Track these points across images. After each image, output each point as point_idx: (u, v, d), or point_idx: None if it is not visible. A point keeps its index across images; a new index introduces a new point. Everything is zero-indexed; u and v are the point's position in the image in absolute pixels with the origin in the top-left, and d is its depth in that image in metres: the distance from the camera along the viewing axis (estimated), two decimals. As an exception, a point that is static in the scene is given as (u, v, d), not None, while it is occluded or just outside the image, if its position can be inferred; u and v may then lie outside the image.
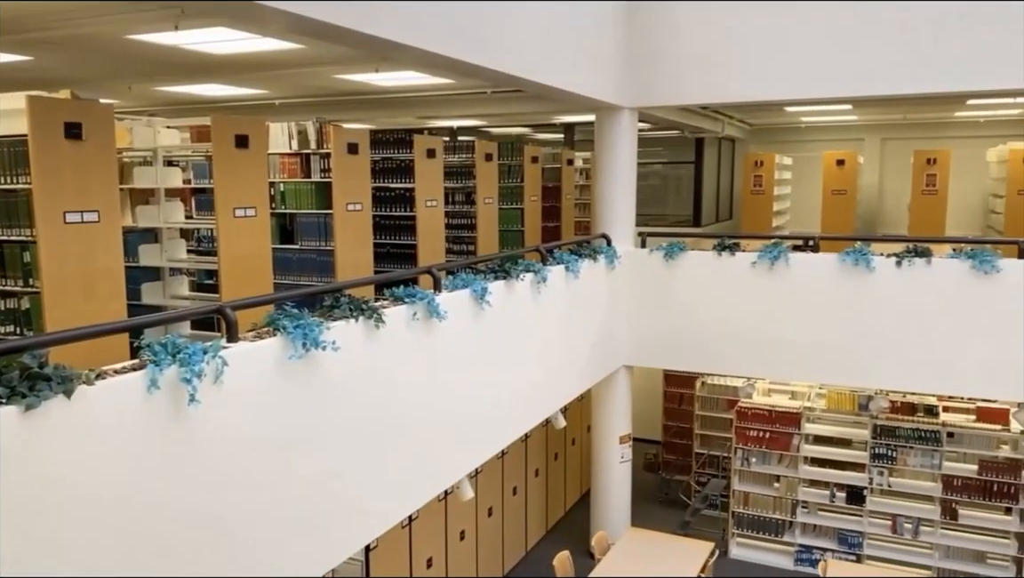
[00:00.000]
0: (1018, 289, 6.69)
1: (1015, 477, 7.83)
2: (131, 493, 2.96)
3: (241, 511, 3.47)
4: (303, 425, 3.80)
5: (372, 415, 4.29)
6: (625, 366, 8.37)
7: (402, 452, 4.57)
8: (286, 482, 3.72)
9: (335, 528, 4.07)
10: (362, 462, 4.24)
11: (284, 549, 3.72)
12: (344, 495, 4.12)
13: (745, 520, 8.90)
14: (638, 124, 8.35)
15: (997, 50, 6.64)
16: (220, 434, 3.33)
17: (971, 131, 15.69)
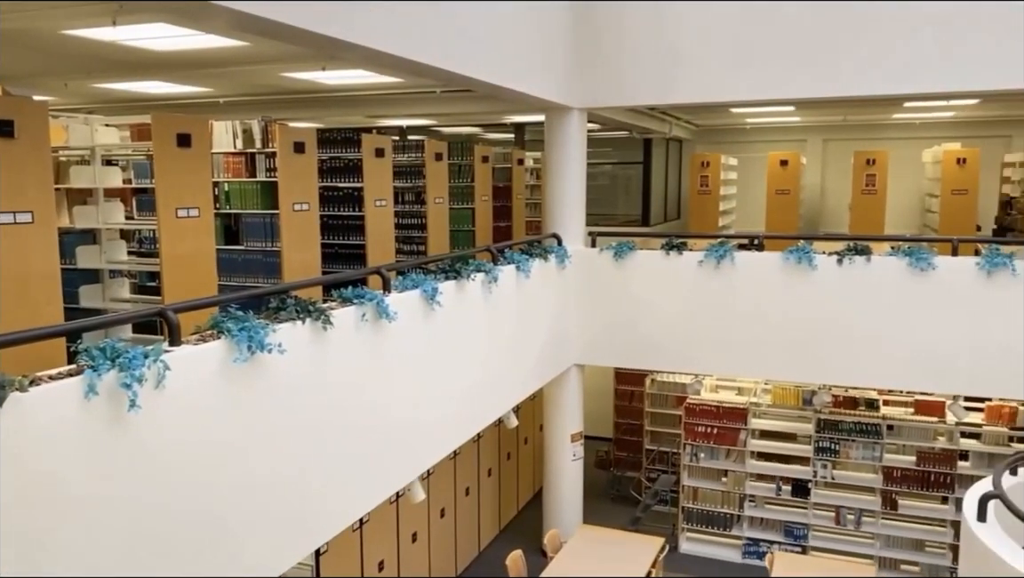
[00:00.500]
0: (952, 285, 6.93)
1: (951, 467, 8.11)
2: (69, 503, 2.87)
3: (185, 519, 3.39)
4: (249, 429, 3.73)
5: (321, 418, 4.24)
6: (576, 365, 8.43)
7: (352, 455, 4.52)
8: (232, 488, 3.65)
9: (283, 533, 4.01)
10: (311, 466, 4.19)
11: (231, 555, 3.65)
12: (293, 499, 4.06)
13: (694, 515, 9.04)
14: (587, 125, 8.41)
15: (935, 55, 6.87)
16: (163, 441, 3.25)
17: (908, 133, 16.23)
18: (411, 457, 5.23)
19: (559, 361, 8.04)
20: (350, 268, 7.25)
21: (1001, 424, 8.16)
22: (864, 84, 7.20)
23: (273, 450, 3.90)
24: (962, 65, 6.83)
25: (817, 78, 7.31)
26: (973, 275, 6.86)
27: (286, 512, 4.01)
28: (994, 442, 8.11)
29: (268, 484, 3.87)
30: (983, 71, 6.79)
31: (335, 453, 4.37)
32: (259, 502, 3.81)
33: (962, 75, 6.87)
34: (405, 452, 5.11)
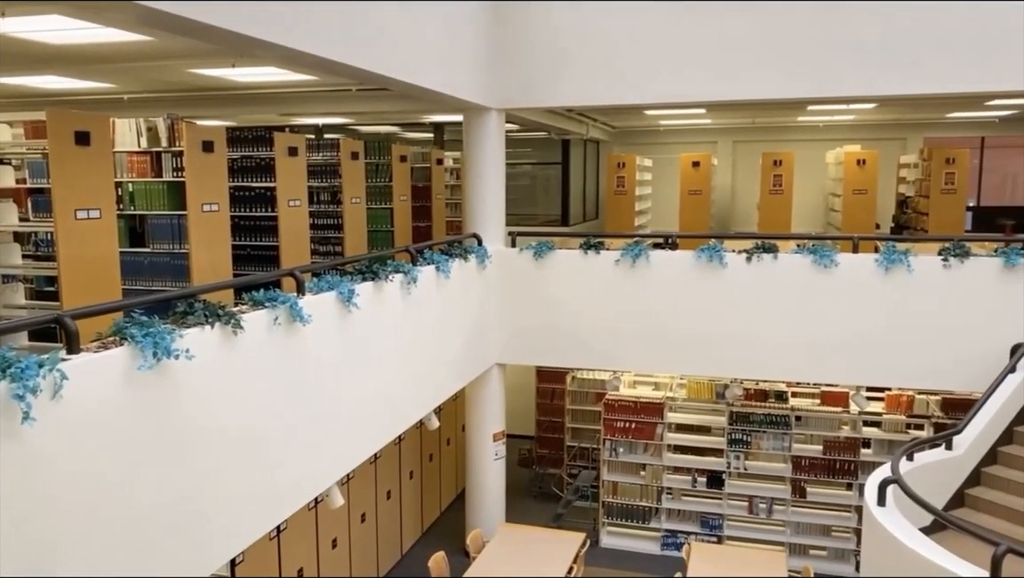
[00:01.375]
0: (853, 281, 7.27)
1: (855, 455, 8.51)
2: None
3: (89, 533, 3.23)
4: (156, 439, 3.59)
5: (233, 425, 4.11)
6: (498, 364, 8.45)
7: (267, 461, 4.41)
8: (139, 500, 3.50)
9: (196, 544, 3.87)
10: (224, 474, 4.06)
11: (140, 570, 3.50)
12: (205, 509, 3.92)
13: (614, 509, 9.20)
14: (506, 125, 8.44)
15: (839, 60, 7.18)
16: (61, 453, 3.09)
17: (812, 135, 16.91)
18: (329, 462, 5.14)
19: (480, 361, 8.05)
20: (263, 270, 7.06)
21: (899, 412, 8.60)
22: (767, 88, 7.48)
23: (182, 459, 3.76)
24: (860, 71, 7.16)
25: (725, 82, 7.55)
26: (872, 271, 7.21)
27: (198, 522, 3.87)
28: (893, 430, 8.54)
29: (177, 494, 3.73)
30: (880, 77, 7.14)
31: (249, 460, 4.25)
32: (168, 513, 3.67)
33: (861, 81, 7.21)
34: (323, 457, 5.02)
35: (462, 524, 8.87)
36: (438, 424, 7.03)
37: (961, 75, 6.94)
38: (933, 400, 8.63)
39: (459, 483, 10.20)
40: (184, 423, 3.75)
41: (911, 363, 7.24)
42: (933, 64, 6.97)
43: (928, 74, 7.01)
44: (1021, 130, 16.60)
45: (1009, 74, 6.85)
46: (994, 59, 6.83)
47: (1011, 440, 6.25)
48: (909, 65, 7.03)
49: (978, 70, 6.89)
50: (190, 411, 3.78)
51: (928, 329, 7.12)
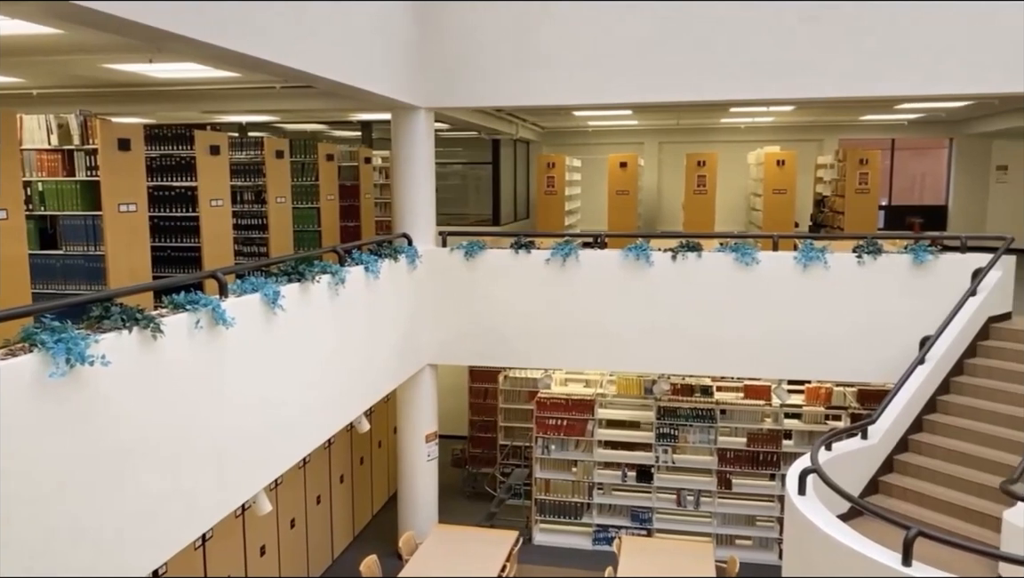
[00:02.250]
0: (774, 278, 7.52)
1: (777, 446, 8.79)
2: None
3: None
4: (71, 448, 3.44)
5: (153, 432, 3.98)
6: (430, 365, 8.42)
7: (191, 469, 4.28)
8: (53, 512, 3.35)
9: (115, 557, 3.73)
10: (144, 483, 3.92)
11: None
12: (124, 520, 3.78)
13: (547, 506, 9.28)
14: (436, 124, 8.42)
15: (758, 63, 7.40)
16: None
17: (734, 136, 17.42)
18: (256, 468, 5.02)
19: (412, 362, 7.99)
20: (184, 272, 6.85)
21: (818, 404, 8.93)
22: (688, 90, 7.66)
23: (99, 469, 3.61)
24: (778, 74, 7.40)
25: (648, 84, 7.69)
26: (791, 268, 7.47)
27: (116, 535, 3.73)
28: (813, 421, 8.87)
29: (94, 506, 3.58)
30: (797, 80, 7.40)
31: (170, 468, 4.12)
32: (83, 525, 3.53)
33: (778, 83, 7.45)
34: (249, 463, 4.90)
35: (395, 527, 8.80)
36: (368, 426, 6.95)
37: (871, 79, 7.24)
38: (850, 392, 8.99)
39: (391, 486, 10.11)
40: (100, 432, 3.61)
41: (829, 356, 7.53)
42: (845, 69, 7.25)
43: (841, 78, 7.29)
44: (928, 132, 17.48)
45: (915, 79, 7.19)
46: (901, 64, 7.16)
47: (921, 428, 6.57)
48: (822, 69, 7.30)
49: (887, 75, 7.20)
50: (107, 419, 3.64)
51: (844, 324, 7.41)
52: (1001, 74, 6.97)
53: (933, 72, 7.13)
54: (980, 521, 5.63)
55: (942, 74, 7.12)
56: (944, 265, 7.23)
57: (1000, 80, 7.02)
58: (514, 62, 7.80)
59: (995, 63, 6.97)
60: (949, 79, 7.15)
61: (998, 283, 7.10)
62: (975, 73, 7.05)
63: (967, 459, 6.14)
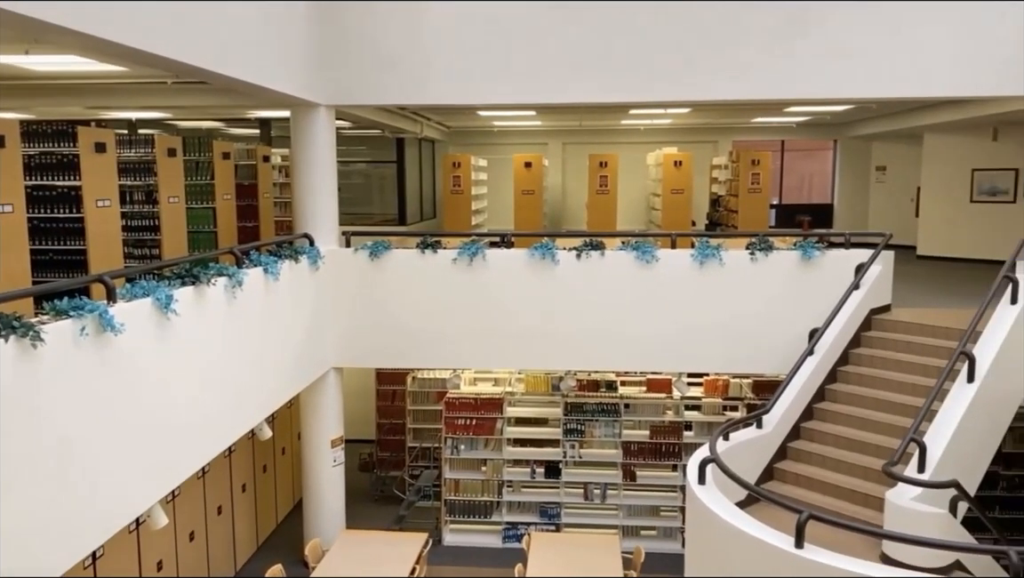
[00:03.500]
0: (673, 275, 7.75)
1: (678, 438, 9.07)
2: None
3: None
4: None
5: (36, 445, 3.73)
6: (334, 368, 8.25)
7: (79, 483, 4.04)
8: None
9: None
10: (23, 501, 3.67)
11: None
12: (6, 540, 3.53)
13: (457, 506, 9.26)
14: (338, 122, 8.25)
15: (655, 67, 7.61)
16: None
17: (634, 137, 17.87)
18: (150, 480, 4.79)
19: (315, 365, 7.82)
20: (68, 276, 6.46)
21: (717, 396, 9.27)
22: (586, 92, 7.81)
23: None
24: (672, 77, 7.63)
25: (547, 85, 7.79)
26: (689, 266, 7.73)
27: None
28: (712, 412, 9.19)
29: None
30: (688, 83, 7.64)
31: (56, 483, 3.87)
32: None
33: (671, 86, 7.68)
34: (142, 476, 4.67)
35: (301, 534, 8.58)
36: (271, 433, 6.76)
37: (760, 83, 7.56)
38: (746, 383, 9.36)
39: (296, 493, 9.87)
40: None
41: (725, 350, 7.83)
42: (734, 73, 7.55)
43: (730, 81, 7.58)
44: (815, 134, 18.41)
45: (802, 84, 7.56)
46: (789, 69, 7.50)
47: (811, 416, 6.91)
48: (714, 74, 7.57)
49: (776, 79, 7.54)
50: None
51: (739, 318, 7.72)
52: (868, 82, 7.43)
53: (813, 78, 7.50)
54: (865, 502, 5.96)
55: (821, 80, 7.51)
56: (830, 261, 7.64)
57: (870, 87, 7.48)
58: (414, 61, 7.74)
59: (865, 71, 7.40)
60: (826, 85, 7.54)
61: (879, 277, 7.56)
62: (848, 79, 7.47)
63: (853, 444, 6.50)
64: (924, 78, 7.40)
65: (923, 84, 7.44)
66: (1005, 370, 6.14)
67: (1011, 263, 6.46)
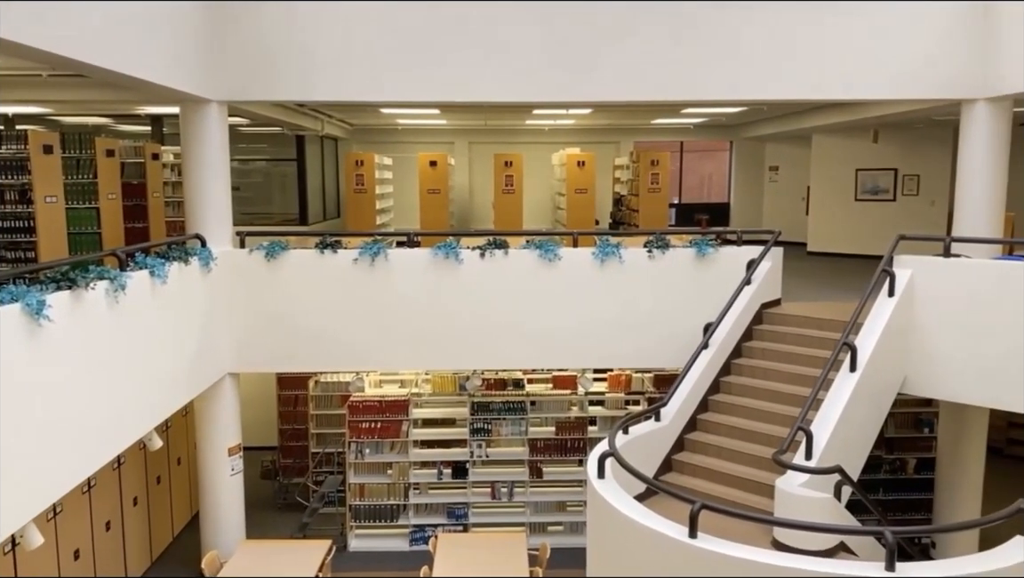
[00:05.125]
0: (575, 273, 7.85)
1: (583, 433, 9.20)
2: None
3: None
4: None
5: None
6: (230, 374, 7.95)
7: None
8: None
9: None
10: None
11: None
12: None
13: (362, 511, 9.10)
14: (234, 119, 7.96)
15: (551, 67, 7.67)
16: None
17: (539, 138, 18.03)
18: (22, 497, 4.48)
19: (210, 372, 7.51)
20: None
21: (620, 390, 9.45)
22: (485, 91, 7.80)
23: None
24: (566, 78, 7.71)
25: (457, 85, 7.75)
26: (590, 264, 7.84)
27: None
28: (615, 407, 9.37)
29: None
30: (584, 84, 7.74)
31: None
32: None
33: (565, 87, 7.76)
34: (14, 492, 4.36)
35: (198, 547, 8.24)
36: (161, 443, 6.47)
37: (654, 85, 7.74)
38: (647, 377, 9.58)
39: (194, 504, 9.47)
40: None
41: (626, 345, 7.99)
42: (629, 74, 7.69)
43: (628, 83, 7.73)
44: (712, 136, 19.06)
45: (695, 86, 7.78)
46: (682, 71, 7.71)
47: (707, 408, 7.13)
48: (610, 75, 7.70)
49: (669, 81, 7.73)
50: None
51: (639, 314, 7.89)
52: (758, 84, 7.73)
53: (706, 80, 7.73)
54: (758, 490, 6.19)
55: (713, 83, 7.75)
56: (724, 258, 7.90)
57: (760, 88, 7.79)
58: (308, 58, 7.55)
59: (752, 74, 7.70)
60: (718, 87, 7.79)
61: (769, 272, 7.87)
62: (740, 82, 7.74)
63: (746, 434, 6.74)
64: (814, 81, 7.73)
65: (812, 87, 7.79)
66: (885, 359, 6.51)
67: (888, 258, 6.84)
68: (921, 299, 6.82)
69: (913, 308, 6.83)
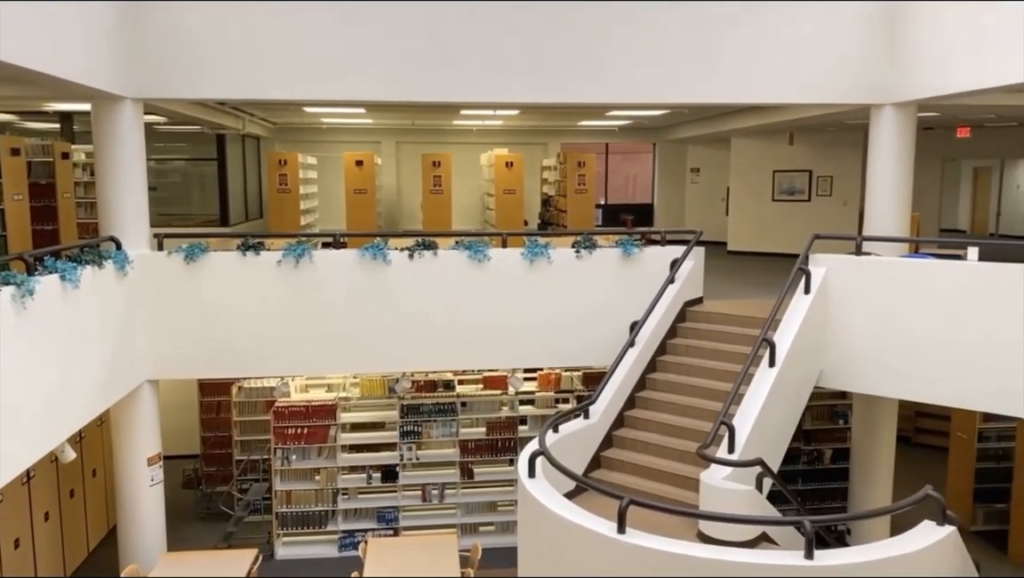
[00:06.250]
0: (505, 274, 7.87)
1: (513, 433, 9.24)
2: None
3: None
4: None
5: None
6: (149, 381, 7.66)
7: None
8: None
9: None
10: None
11: None
12: None
13: (289, 518, 8.92)
14: (151, 117, 7.67)
15: (470, 67, 7.66)
16: None
17: (467, 138, 18.03)
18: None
19: (126, 379, 7.22)
20: None
21: (550, 389, 9.53)
22: (422, 91, 7.75)
23: None
24: (486, 78, 7.70)
25: (381, 83, 7.66)
26: (519, 264, 7.88)
27: None
28: (545, 405, 9.44)
29: None
30: (517, 84, 7.77)
31: None
32: None
33: (498, 87, 7.77)
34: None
35: (116, 562, 7.91)
36: (74, 455, 6.20)
37: (576, 87, 7.82)
38: (576, 376, 9.69)
39: (112, 517, 9.10)
40: None
41: (555, 344, 8.05)
42: (556, 76, 7.76)
43: (551, 85, 7.79)
44: (636, 138, 19.42)
45: (621, 88, 7.90)
46: (607, 75, 7.82)
47: (634, 405, 7.26)
48: (531, 77, 7.73)
49: (594, 84, 7.84)
50: None
51: (568, 313, 7.96)
52: (678, 87, 7.91)
53: (625, 83, 7.86)
54: (684, 484, 6.34)
55: (633, 86, 7.87)
56: (648, 257, 8.06)
57: (679, 92, 7.97)
58: (225, 55, 7.33)
59: (676, 76, 7.88)
60: (638, 90, 7.93)
61: (691, 271, 8.07)
62: (661, 85, 7.90)
63: (672, 429, 6.89)
64: (735, 86, 7.94)
65: (733, 91, 8.00)
66: (802, 354, 6.76)
67: (804, 256, 7.11)
68: (835, 296, 7.11)
69: (828, 304, 7.11)
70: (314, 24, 7.40)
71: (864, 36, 7.82)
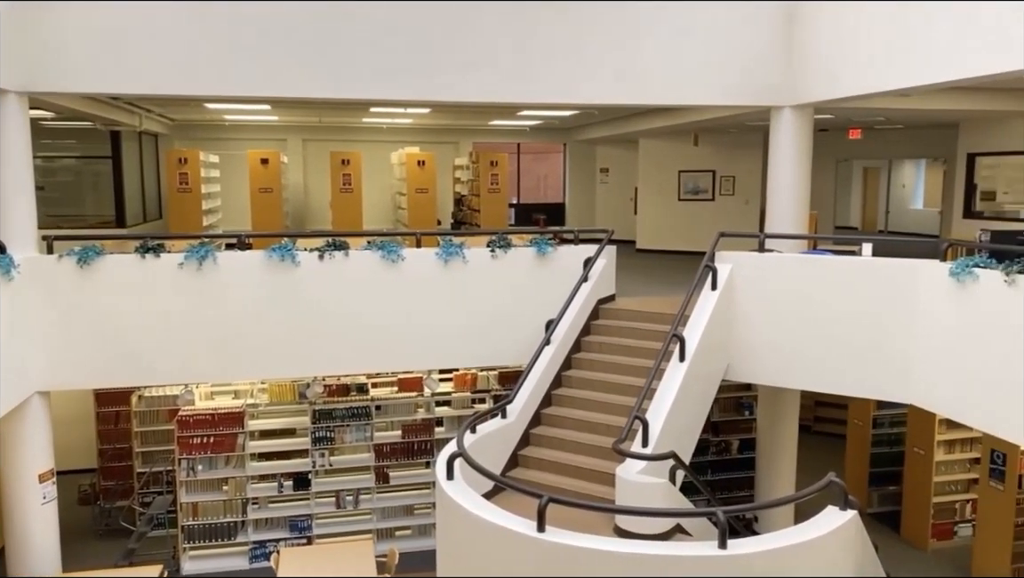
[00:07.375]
0: (419, 274, 7.78)
1: (430, 435, 9.15)
2: None
3: None
4: None
5: None
6: (39, 392, 7.19)
7: None
8: None
9: None
10: None
11: None
12: None
13: (196, 531, 8.56)
14: (36, 112, 7.19)
15: (378, 63, 7.54)
16: None
17: (377, 136, 17.77)
18: None
19: (13, 391, 6.75)
20: None
21: (466, 389, 9.49)
22: (323, 87, 7.57)
23: None
24: (393, 75, 7.61)
25: (278, 79, 7.44)
26: (434, 264, 7.81)
27: None
28: (461, 406, 9.40)
29: None
30: (411, 81, 7.68)
31: None
32: None
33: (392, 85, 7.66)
34: None
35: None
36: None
37: (484, 86, 7.82)
38: (492, 375, 9.68)
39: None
40: None
41: (472, 344, 8.01)
42: (458, 74, 7.72)
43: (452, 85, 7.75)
44: (547, 138, 19.60)
45: (535, 87, 7.94)
46: (524, 74, 7.85)
47: (551, 403, 7.31)
48: (439, 74, 7.68)
49: (506, 84, 7.85)
50: None
51: (483, 313, 7.94)
52: (589, 86, 8.02)
53: (537, 84, 7.92)
54: (601, 480, 6.42)
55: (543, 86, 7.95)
56: (562, 256, 8.12)
57: (588, 92, 8.08)
58: (118, 47, 6.98)
59: (586, 77, 7.99)
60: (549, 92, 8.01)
61: (604, 270, 8.19)
62: (566, 85, 8.00)
63: (588, 425, 6.97)
64: (641, 87, 8.11)
65: (639, 93, 8.17)
66: (710, 348, 6.96)
67: (711, 254, 7.32)
68: (740, 292, 7.35)
69: (733, 300, 7.35)
70: (200, 18, 7.12)
71: (765, 39, 8.13)
